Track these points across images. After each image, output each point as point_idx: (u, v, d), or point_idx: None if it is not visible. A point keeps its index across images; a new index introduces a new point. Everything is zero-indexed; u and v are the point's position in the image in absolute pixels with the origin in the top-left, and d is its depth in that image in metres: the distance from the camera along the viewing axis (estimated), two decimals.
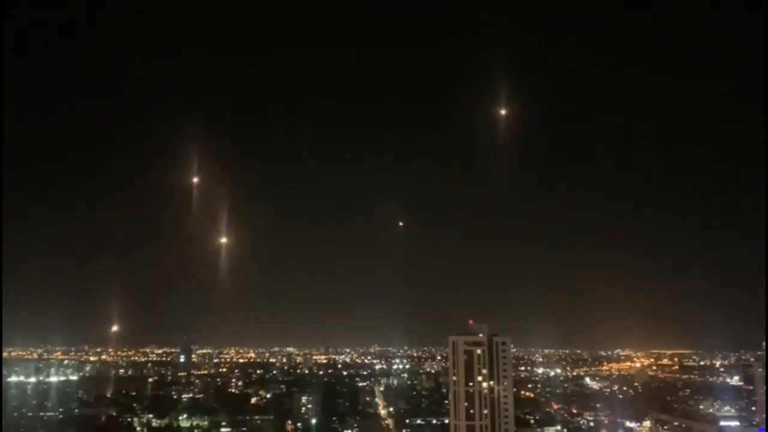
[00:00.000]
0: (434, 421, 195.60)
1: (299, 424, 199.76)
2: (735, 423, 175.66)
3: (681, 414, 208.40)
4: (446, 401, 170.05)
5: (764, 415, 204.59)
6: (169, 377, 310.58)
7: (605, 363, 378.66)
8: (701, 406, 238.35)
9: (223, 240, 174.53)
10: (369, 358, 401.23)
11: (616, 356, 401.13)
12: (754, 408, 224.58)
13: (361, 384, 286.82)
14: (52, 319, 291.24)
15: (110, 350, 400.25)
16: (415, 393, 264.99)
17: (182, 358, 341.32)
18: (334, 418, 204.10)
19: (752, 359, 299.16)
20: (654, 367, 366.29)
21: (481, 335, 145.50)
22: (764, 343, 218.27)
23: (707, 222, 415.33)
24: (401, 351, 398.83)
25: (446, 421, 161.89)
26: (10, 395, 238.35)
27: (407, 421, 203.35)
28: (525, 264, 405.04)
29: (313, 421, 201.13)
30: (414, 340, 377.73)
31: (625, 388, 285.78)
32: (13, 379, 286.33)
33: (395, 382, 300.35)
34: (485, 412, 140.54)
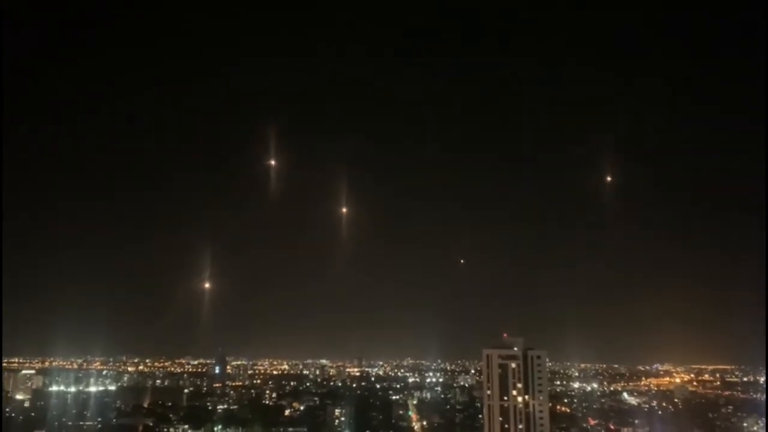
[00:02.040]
0: None
1: None
2: None
3: (723, 431, 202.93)
4: (480, 415, 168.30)
5: None
6: (204, 388, 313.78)
7: (644, 378, 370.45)
8: (745, 424, 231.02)
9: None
10: (402, 371, 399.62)
11: (655, 371, 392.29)
12: None
13: (394, 397, 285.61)
14: (91, 329, 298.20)
15: (147, 361, 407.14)
16: (448, 407, 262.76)
17: (217, 370, 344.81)
18: (367, 431, 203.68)
19: None
20: (695, 383, 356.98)
21: (515, 348, 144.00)
22: None
23: (748, 231, 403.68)
24: (434, 364, 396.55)
25: None
26: (51, 404, 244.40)
27: None
28: (561, 276, 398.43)
29: None
30: (447, 353, 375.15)
31: (664, 404, 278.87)
32: (54, 388, 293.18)
33: (428, 395, 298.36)
34: (520, 427, 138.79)
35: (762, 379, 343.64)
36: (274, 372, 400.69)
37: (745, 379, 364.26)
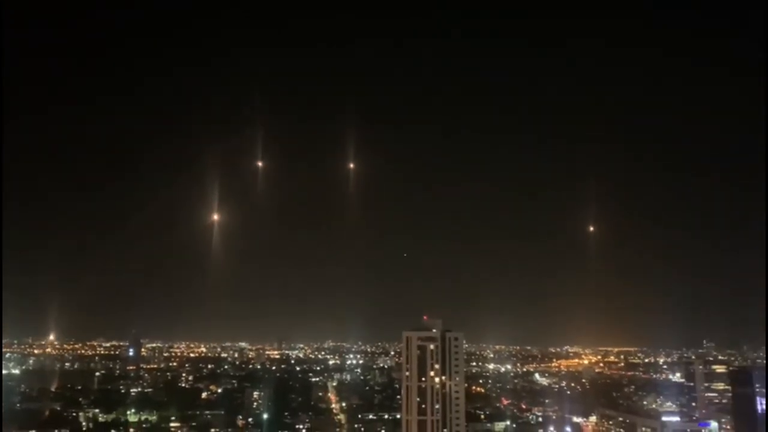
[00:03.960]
0: (386, 416, 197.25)
1: (250, 419, 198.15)
2: (676, 418, 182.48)
3: (626, 410, 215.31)
4: (399, 396, 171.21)
5: (704, 411, 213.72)
6: (118, 371, 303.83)
7: (554, 360, 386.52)
8: (645, 402, 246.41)
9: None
10: (323, 353, 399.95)
11: (565, 353, 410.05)
12: (694, 404, 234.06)
13: (314, 379, 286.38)
14: None
15: (55, 343, 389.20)
16: (368, 388, 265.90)
17: (131, 352, 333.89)
18: (286, 413, 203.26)
19: (693, 357, 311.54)
20: (601, 364, 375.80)
21: (434, 331, 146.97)
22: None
23: (655, 223, 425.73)
24: (355, 346, 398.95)
25: (398, 416, 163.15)
26: None
27: (360, 416, 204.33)
28: (478, 259, 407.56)
29: (265, 416, 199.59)
30: (368, 335, 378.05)
31: (573, 385, 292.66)
32: None
33: (348, 377, 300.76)
34: (437, 407, 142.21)
35: (661, 360, 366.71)
36: (191, 355, 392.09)
37: (646, 360, 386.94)
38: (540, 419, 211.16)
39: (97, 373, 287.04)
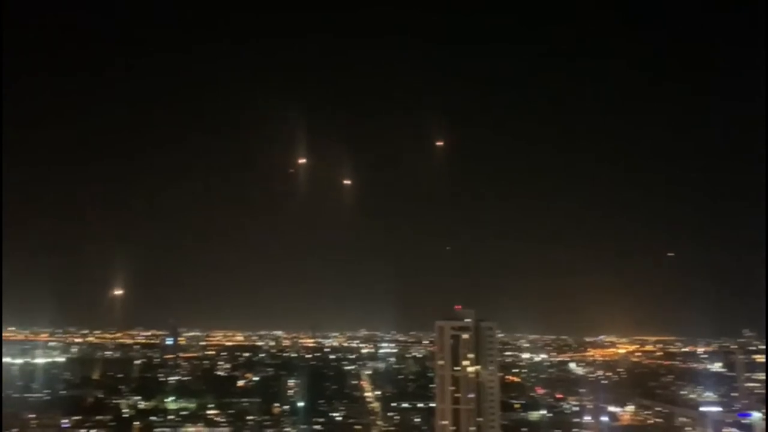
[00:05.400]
0: (420, 405, 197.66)
1: (286, 407, 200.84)
2: (716, 408, 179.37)
3: (663, 399, 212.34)
4: (432, 385, 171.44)
5: (744, 401, 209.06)
6: (156, 359, 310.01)
7: (590, 349, 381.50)
8: (683, 392, 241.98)
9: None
10: (356, 342, 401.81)
11: (601, 342, 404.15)
12: (734, 394, 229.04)
13: (348, 367, 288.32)
14: (38, 299, 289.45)
15: (97, 332, 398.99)
16: (401, 377, 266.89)
17: (169, 341, 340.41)
18: (321, 401, 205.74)
19: (733, 346, 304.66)
20: (638, 354, 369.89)
21: (467, 320, 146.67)
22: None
23: (690, 211, 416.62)
24: (389, 335, 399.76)
25: (432, 404, 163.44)
26: None
27: (393, 404, 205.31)
28: (512, 249, 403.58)
29: (300, 403, 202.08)
30: (401, 324, 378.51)
31: (608, 374, 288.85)
32: None
33: (382, 365, 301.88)
34: (471, 396, 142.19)
35: (700, 350, 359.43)
36: (228, 343, 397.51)
37: (685, 349, 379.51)
38: (575, 408, 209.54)
39: (137, 362, 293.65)
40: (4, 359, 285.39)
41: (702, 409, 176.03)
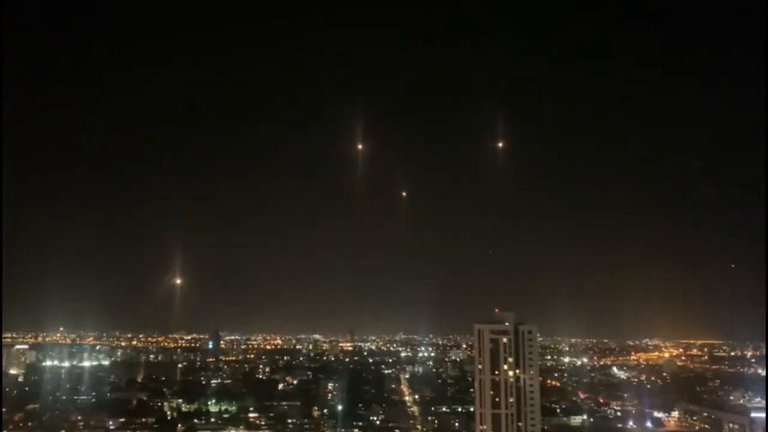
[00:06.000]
0: (459, 409, 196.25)
1: (325, 411, 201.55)
2: (765, 414, 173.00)
3: (710, 405, 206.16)
4: (472, 389, 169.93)
5: None
6: (198, 363, 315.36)
7: (633, 352, 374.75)
8: (731, 397, 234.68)
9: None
10: (394, 345, 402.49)
11: (644, 346, 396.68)
12: None
13: (386, 371, 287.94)
14: (84, 304, 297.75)
15: (140, 336, 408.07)
16: (440, 381, 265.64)
17: (211, 344, 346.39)
18: (360, 405, 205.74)
19: None
20: (683, 357, 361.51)
21: (507, 323, 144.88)
22: None
23: (736, 211, 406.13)
24: (426, 339, 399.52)
25: (472, 409, 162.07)
26: (45, 379, 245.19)
27: (432, 408, 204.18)
28: (552, 252, 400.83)
29: (339, 407, 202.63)
30: (439, 328, 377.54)
31: (653, 378, 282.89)
32: (48, 363, 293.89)
33: (420, 369, 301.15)
34: (511, 400, 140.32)
35: (749, 353, 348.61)
36: (268, 347, 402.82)
37: (732, 353, 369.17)
38: (619, 414, 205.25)
39: (180, 365, 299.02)
40: (53, 362, 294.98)
41: (753, 415, 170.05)
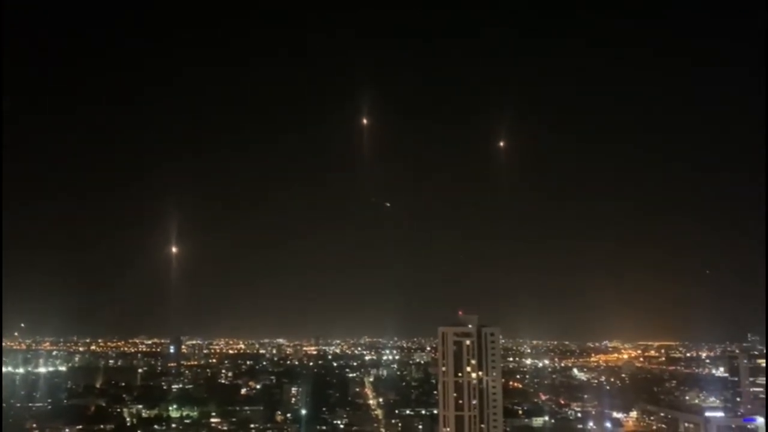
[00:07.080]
0: (423, 412, 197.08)
1: (289, 415, 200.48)
2: (720, 414, 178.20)
3: (667, 405, 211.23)
4: (435, 392, 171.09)
5: (749, 406, 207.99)
6: (159, 368, 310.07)
7: (593, 354, 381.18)
8: (687, 397, 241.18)
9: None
10: (359, 349, 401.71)
11: (604, 348, 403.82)
12: (739, 399, 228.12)
13: (350, 375, 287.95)
14: (40, 309, 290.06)
15: (99, 341, 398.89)
16: (404, 383, 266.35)
17: (172, 349, 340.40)
18: (324, 409, 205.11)
19: (737, 351, 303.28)
20: (641, 359, 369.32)
21: (470, 326, 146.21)
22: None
23: (693, 218, 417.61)
24: (391, 342, 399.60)
25: (435, 411, 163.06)
26: None
27: (396, 411, 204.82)
28: (514, 255, 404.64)
29: (303, 411, 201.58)
30: (403, 330, 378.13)
31: (612, 380, 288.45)
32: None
33: (385, 372, 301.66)
34: (474, 402, 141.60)
35: (704, 354, 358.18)
36: (230, 351, 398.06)
37: (688, 354, 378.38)
38: (579, 415, 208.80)
39: (140, 370, 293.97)
40: (7, 369, 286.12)
41: (707, 414, 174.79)
